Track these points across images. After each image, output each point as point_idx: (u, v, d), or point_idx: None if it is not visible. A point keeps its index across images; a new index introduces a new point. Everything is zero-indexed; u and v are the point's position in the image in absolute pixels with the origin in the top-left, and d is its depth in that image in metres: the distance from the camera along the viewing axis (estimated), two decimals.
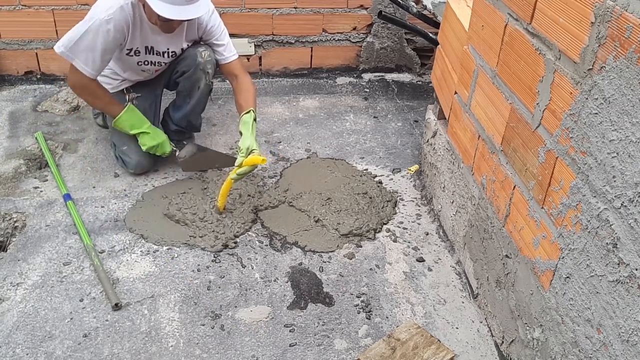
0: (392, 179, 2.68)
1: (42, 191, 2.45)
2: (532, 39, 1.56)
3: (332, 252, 2.22)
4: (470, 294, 2.06)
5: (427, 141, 2.55)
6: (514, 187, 1.69)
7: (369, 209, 2.41)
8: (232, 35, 3.37)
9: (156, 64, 2.48)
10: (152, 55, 2.43)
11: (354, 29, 3.54)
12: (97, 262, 2.05)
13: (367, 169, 2.73)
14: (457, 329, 1.92)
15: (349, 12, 3.47)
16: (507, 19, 1.72)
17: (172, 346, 1.80)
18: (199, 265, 2.12)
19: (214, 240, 2.21)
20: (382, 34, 3.58)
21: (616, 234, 1.21)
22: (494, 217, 1.83)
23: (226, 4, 3.29)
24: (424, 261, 2.20)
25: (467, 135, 2.07)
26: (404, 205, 2.51)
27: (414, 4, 3.22)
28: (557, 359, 1.47)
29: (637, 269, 1.15)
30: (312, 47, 3.55)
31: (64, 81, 3.34)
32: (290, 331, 1.88)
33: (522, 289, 1.65)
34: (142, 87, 2.59)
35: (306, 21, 3.44)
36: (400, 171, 2.74)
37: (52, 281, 2.01)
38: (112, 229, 2.27)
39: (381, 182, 2.63)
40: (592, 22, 1.26)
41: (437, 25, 2.84)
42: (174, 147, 2.48)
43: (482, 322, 1.95)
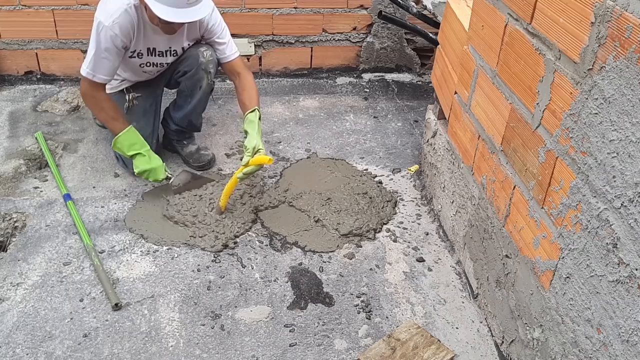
0: (392, 179, 2.68)
1: (42, 191, 2.45)
2: (532, 39, 1.56)
3: (332, 252, 2.22)
4: (470, 294, 2.06)
5: (427, 141, 2.55)
6: (514, 187, 1.69)
7: (369, 209, 2.41)
8: (232, 35, 3.36)
9: (158, 64, 2.48)
10: (154, 56, 2.43)
11: (354, 29, 3.54)
12: (97, 262, 2.05)
13: (367, 169, 2.73)
14: (457, 329, 1.92)
15: (349, 12, 3.46)
16: (507, 19, 1.72)
17: (172, 346, 1.80)
18: (199, 265, 2.12)
19: (214, 240, 2.21)
20: (382, 34, 3.58)
21: (616, 234, 1.21)
22: (494, 217, 1.83)
23: (226, 4, 3.29)
24: (424, 261, 2.20)
25: (467, 135, 2.07)
26: (404, 205, 2.51)
27: (414, 4, 3.22)
28: (557, 359, 1.47)
29: (637, 269, 1.15)
30: (312, 47, 3.55)
31: (64, 81, 3.34)
32: (290, 331, 1.88)
33: (522, 289, 1.65)
34: (142, 87, 2.58)
35: (306, 21, 3.44)
36: (400, 171, 2.74)
37: (52, 281, 2.01)
38: (112, 229, 2.27)
39: (381, 182, 2.63)
40: (592, 22, 1.26)
41: (437, 25, 2.84)
42: (169, 174, 2.42)
43: (482, 322, 1.95)
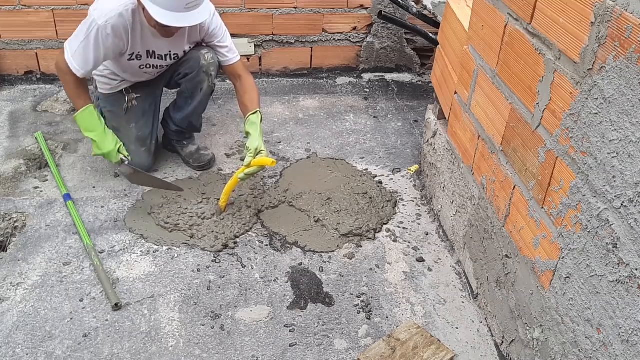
0: (392, 179, 2.68)
1: (42, 191, 2.45)
2: (532, 39, 1.56)
3: (332, 252, 2.22)
4: (470, 294, 2.06)
5: (427, 141, 2.55)
6: (514, 187, 1.69)
7: (369, 209, 2.41)
8: (232, 35, 3.36)
9: (158, 67, 2.48)
10: (154, 59, 2.42)
11: (354, 29, 3.54)
12: (97, 262, 2.05)
13: (367, 169, 2.73)
14: (457, 329, 1.92)
15: (349, 12, 3.46)
16: (507, 19, 1.72)
17: (172, 346, 1.80)
18: (199, 265, 2.12)
19: (214, 240, 2.21)
20: (382, 34, 3.58)
21: (616, 234, 1.21)
22: (494, 217, 1.83)
23: (226, 4, 3.29)
24: (424, 261, 2.20)
25: (467, 135, 2.07)
26: (404, 205, 2.51)
27: (414, 4, 3.22)
28: (557, 359, 1.47)
29: (637, 269, 1.15)
30: (312, 47, 3.55)
31: None
32: (290, 331, 1.88)
33: (522, 289, 1.65)
34: (141, 87, 2.58)
35: (306, 21, 3.44)
36: (400, 171, 2.74)
37: (52, 281, 2.01)
38: (112, 229, 2.27)
39: (381, 182, 2.63)
40: (592, 22, 1.26)
41: (437, 25, 2.84)
42: (124, 157, 2.41)
43: (482, 322, 1.95)
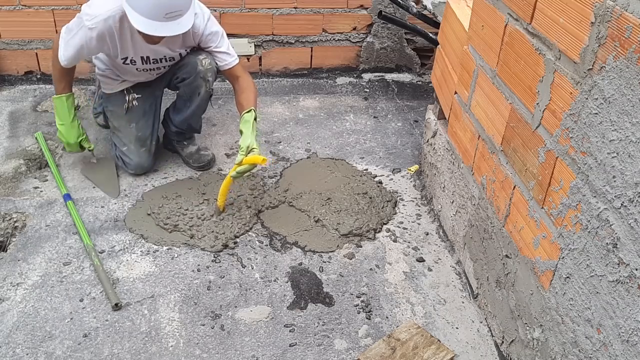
0: (392, 179, 2.68)
1: (42, 191, 2.45)
2: (532, 39, 1.56)
3: (332, 252, 2.22)
4: (470, 294, 2.06)
5: (427, 141, 2.55)
6: (514, 187, 1.69)
7: (369, 209, 2.41)
8: (232, 35, 3.38)
9: (155, 69, 2.49)
10: (149, 63, 2.43)
11: (354, 29, 3.54)
12: (97, 262, 2.05)
13: (367, 169, 2.73)
14: (457, 329, 1.92)
15: (349, 12, 3.46)
16: (507, 19, 1.72)
17: (172, 346, 1.80)
18: (199, 265, 2.12)
19: (214, 240, 2.21)
20: (382, 34, 3.58)
21: (616, 234, 1.21)
22: (494, 217, 1.83)
23: (226, 4, 3.29)
24: (424, 261, 2.20)
25: (467, 135, 2.07)
26: (404, 205, 2.51)
27: (414, 4, 3.22)
28: (557, 359, 1.47)
29: (637, 269, 1.15)
30: (312, 47, 3.55)
31: None
32: (290, 331, 1.88)
33: (522, 289, 1.65)
34: (142, 88, 2.59)
35: (306, 21, 3.44)
36: (400, 171, 2.74)
37: (52, 281, 2.01)
38: (112, 229, 2.27)
39: (381, 182, 2.63)
40: (592, 22, 1.26)
41: (437, 25, 2.84)
42: (88, 148, 2.55)
43: (482, 322, 1.95)
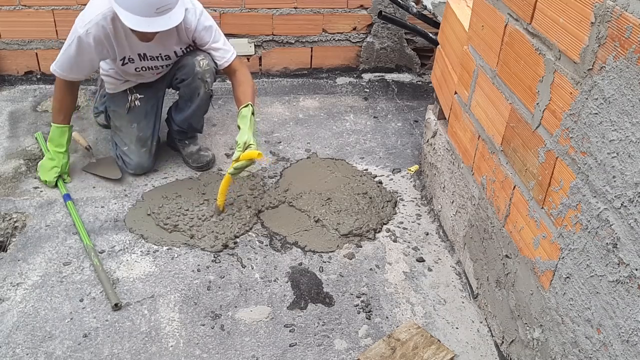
0: (392, 179, 2.68)
1: (42, 191, 2.45)
2: (532, 39, 1.56)
3: (332, 252, 2.22)
4: (470, 294, 2.06)
5: (427, 141, 2.55)
6: (514, 187, 1.69)
7: (369, 209, 2.41)
8: (232, 35, 3.39)
9: (153, 68, 2.49)
10: (147, 60, 2.43)
11: (354, 29, 3.54)
12: (96, 262, 2.05)
13: (367, 169, 2.73)
14: (457, 329, 1.92)
15: (349, 12, 3.46)
16: (507, 19, 1.72)
17: (172, 346, 1.80)
18: (199, 265, 2.12)
19: (214, 240, 2.21)
20: (382, 34, 3.58)
21: (616, 234, 1.21)
22: (494, 217, 1.83)
23: (226, 4, 3.29)
24: (424, 261, 2.20)
25: (467, 135, 2.07)
26: (404, 205, 2.51)
27: (414, 4, 3.22)
28: (557, 359, 1.47)
29: (637, 269, 1.15)
30: (312, 47, 3.55)
31: None
32: (290, 331, 1.88)
33: (522, 289, 1.65)
34: (144, 88, 2.59)
35: (306, 21, 3.44)
36: (400, 171, 2.74)
37: (52, 281, 2.01)
38: (112, 229, 2.27)
39: (381, 182, 2.63)
40: (592, 22, 1.26)
41: (437, 25, 2.84)
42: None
43: (482, 322, 1.95)
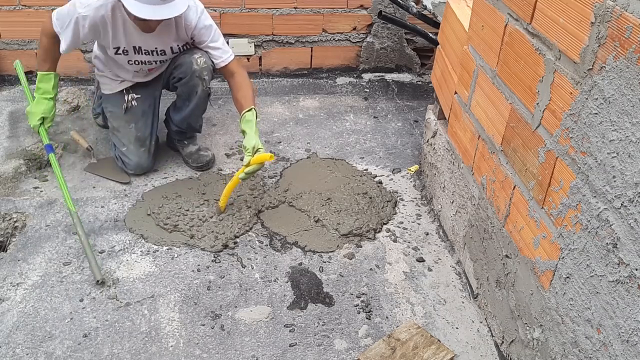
0: (392, 179, 2.68)
1: (42, 191, 2.45)
2: (532, 39, 1.56)
3: (332, 252, 2.22)
4: (470, 294, 2.06)
5: (427, 141, 2.55)
6: (514, 187, 1.69)
7: (369, 209, 2.41)
8: (232, 35, 3.39)
9: (146, 62, 2.48)
10: (141, 54, 2.43)
11: (354, 29, 3.54)
12: (80, 233, 2.10)
13: (367, 169, 2.73)
14: (457, 329, 1.92)
15: (349, 12, 3.47)
16: (507, 19, 1.72)
17: (172, 346, 1.80)
18: (199, 265, 2.12)
19: (214, 240, 2.21)
20: (382, 34, 3.58)
21: (616, 234, 1.21)
22: (494, 217, 1.83)
23: (226, 4, 3.29)
24: (424, 261, 2.20)
25: (467, 135, 2.07)
26: (404, 205, 2.51)
27: (414, 4, 3.22)
28: (557, 359, 1.47)
29: (637, 269, 1.15)
30: (312, 47, 3.55)
31: (64, 81, 3.34)
32: (290, 331, 1.88)
33: (522, 289, 1.65)
34: (141, 88, 2.59)
35: (306, 21, 3.44)
36: (400, 171, 2.74)
37: (52, 281, 2.01)
38: (112, 229, 2.27)
39: (381, 182, 2.63)
40: (592, 22, 1.26)
41: (437, 25, 2.84)
42: (45, 128, 2.55)
43: (482, 322, 1.95)
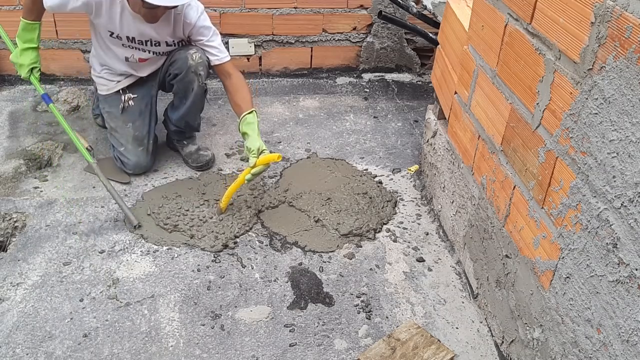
0: (392, 179, 2.68)
1: (42, 191, 2.45)
2: (532, 39, 1.56)
3: (332, 252, 2.22)
4: (470, 294, 2.06)
5: (427, 141, 2.55)
6: (514, 187, 1.69)
7: (369, 209, 2.41)
8: (232, 35, 3.39)
9: (140, 49, 2.48)
10: (134, 43, 2.44)
11: (354, 29, 3.54)
12: (106, 183, 2.26)
13: (367, 169, 2.73)
14: (457, 329, 1.92)
15: (349, 12, 3.46)
16: (507, 19, 1.72)
17: (172, 346, 1.80)
18: (199, 265, 2.12)
19: (214, 240, 2.21)
20: (382, 34, 3.58)
21: (616, 234, 1.21)
22: (494, 217, 1.83)
23: (226, 4, 3.29)
24: (424, 261, 2.20)
25: (467, 135, 2.07)
26: (404, 205, 2.51)
27: (414, 4, 3.22)
28: (557, 359, 1.47)
29: (637, 269, 1.15)
30: (312, 47, 3.55)
31: (64, 81, 3.35)
32: (290, 331, 1.88)
33: (522, 289, 1.65)
34: (137, 87, 2.59)
35: (306, 21, 3.44)
36: (400, 171, 2.74)
37: (52, 281, 2.01)
38: (112, 229, 2.27)
39: (381, 182, 2.63)
40: (592, 22, 1.26)
41: (437, 25, 2.84)
42: (35, 76, 2.55)
43: (482, 322, 1.95)
